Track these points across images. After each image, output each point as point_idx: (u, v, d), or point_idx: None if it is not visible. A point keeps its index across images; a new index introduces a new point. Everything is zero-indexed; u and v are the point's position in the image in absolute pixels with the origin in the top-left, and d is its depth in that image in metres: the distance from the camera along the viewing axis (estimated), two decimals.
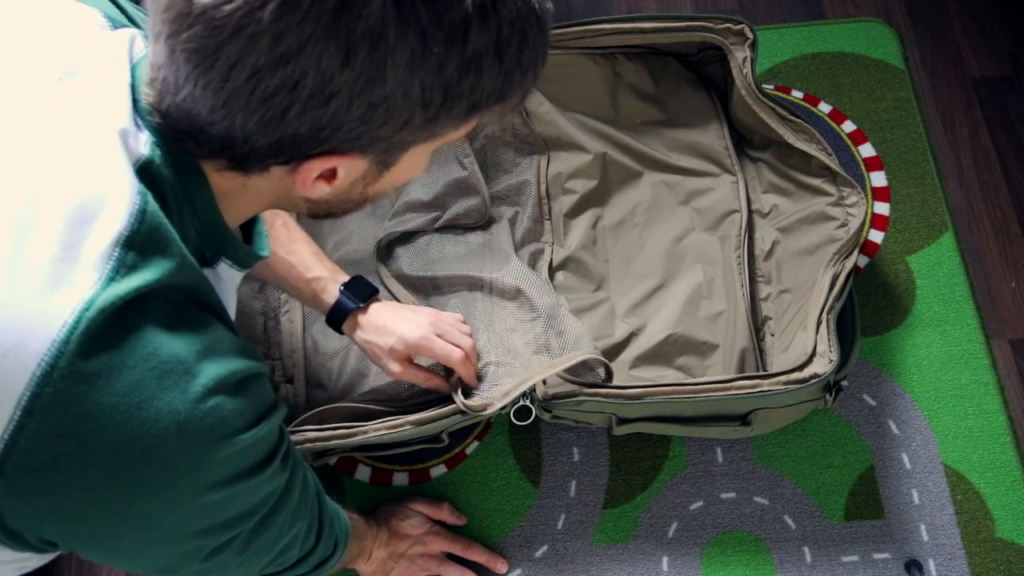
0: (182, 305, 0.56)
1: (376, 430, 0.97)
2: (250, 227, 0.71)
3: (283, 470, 0.64)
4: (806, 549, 1.06)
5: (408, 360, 0.97)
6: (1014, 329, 1.19)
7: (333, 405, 1.03)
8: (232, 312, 0.67)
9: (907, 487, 1.09)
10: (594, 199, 1.18)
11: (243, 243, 0.66)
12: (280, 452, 0.63)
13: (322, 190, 0.59)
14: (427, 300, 1.12)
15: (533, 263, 1.14)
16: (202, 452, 0.55)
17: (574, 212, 1.17)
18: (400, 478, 1.11)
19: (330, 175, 0.58)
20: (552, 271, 1.14)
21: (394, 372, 0.97)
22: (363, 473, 1.11)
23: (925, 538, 1.06)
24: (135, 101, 0.57)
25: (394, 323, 0.96)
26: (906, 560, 1.05)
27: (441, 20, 0.50)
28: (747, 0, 1.41)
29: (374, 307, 0.98)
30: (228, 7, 0.47)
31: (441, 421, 0.97)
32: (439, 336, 0.97)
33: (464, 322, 1.02)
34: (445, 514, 1.06)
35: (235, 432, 0.56)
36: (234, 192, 0.60)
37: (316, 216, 0.69)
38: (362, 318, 0.97)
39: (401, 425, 0.97)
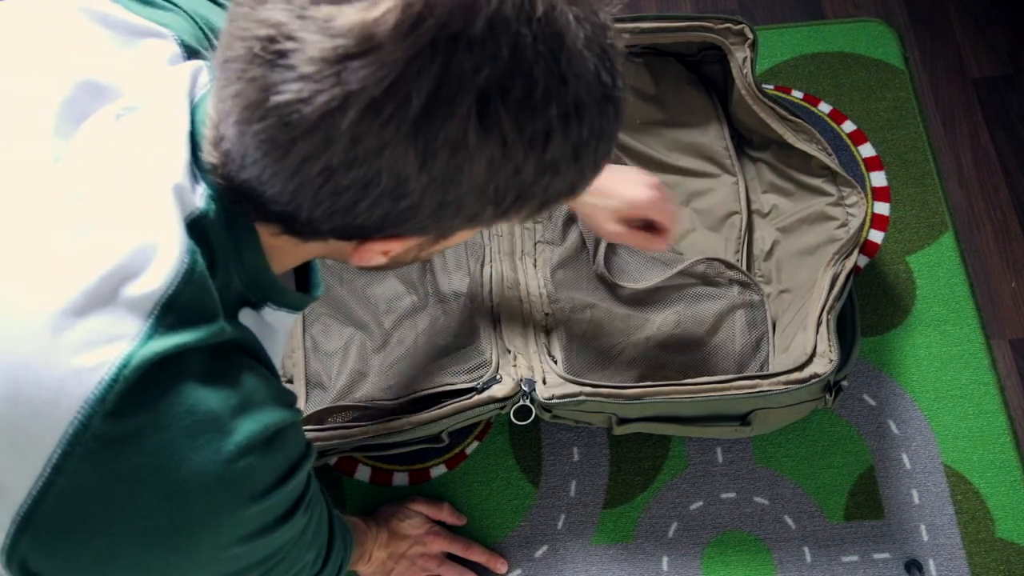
0: (222, 354, 0.55)
1: (376, 430, 0.97)
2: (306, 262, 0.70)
3: (304, 515, 0.63)
4: (806, 549, 1.06)
5: (627, 222, 0.96)
6: (1014, 329, 1.19)
7: (333, 405, 1.03)
8: (279, 356, 0.66)
9: (907, 487, 1.09)
10: None
11: (292, 290, 0.65)
12: (305, 500, 0.62)
13: (378, 260, 0.58)
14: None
15: (533, 263, 1.14)
16: (229, 512, 0.55)
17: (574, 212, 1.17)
18: (400, 478, 1.11)
19: (388, 250, 0.57)
20: (552, 271, 1.14)
21: (614, 233, 0.96)
22: (363, 473, 1.11)
23: (925, 538, 1.06)
24: (194, 149, 0.55)
25: (617, 185, 0.95)
26: (906, 560, 1.05)
27: (523, 129, 0.48)
28: (747, 0, 1.41)
29: None
30: (307, 109, 0.46)
31: (441, 421, 0.97)
32: (662, 197, 0.95)
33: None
34: (445, 514, 1.06)
35: (264, 492, 0.56)
36: (285, 249, 0.59)
37: (364, 269, 0.68)
38: None
39: (401, 425, 0.97)
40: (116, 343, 0.51)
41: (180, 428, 0.52)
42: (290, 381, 1.10)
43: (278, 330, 0.65)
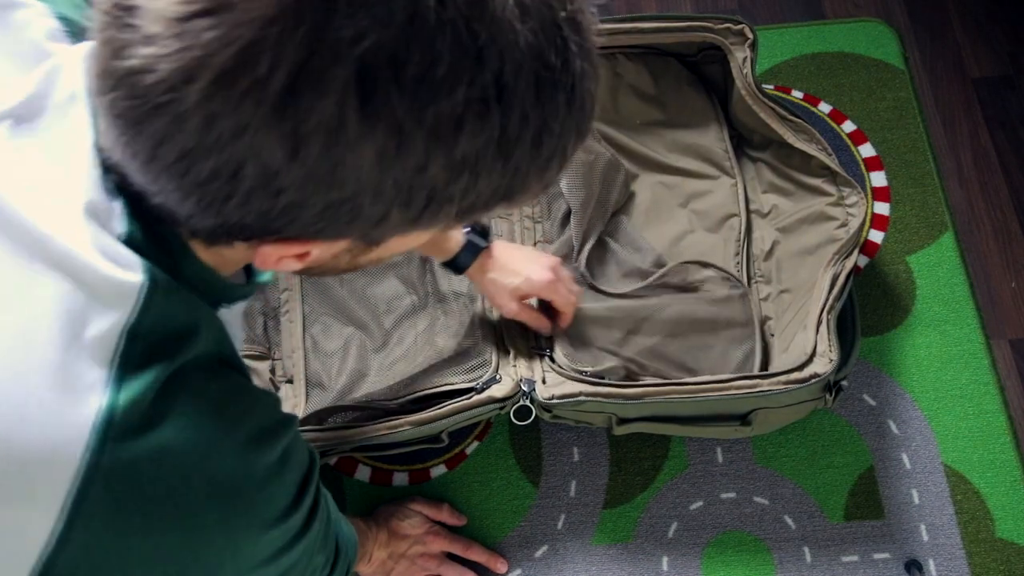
0: (209, 380, 0.51)
1: (376, 430, 0.97)
2: None
3: (318, 524, 0.61)
4: (806, 549, 1.06)
5: (523, 299, 1.00)
6: (1014, 329, 1.19)
7: (333, 405, 1.03)
8: (240, 346, 0.63)
9: (907, 487, 1.09)
10: None
11: (242, 283, 0.60)
12: (318, 511, 0.60)
13: (292, 266, 0.50)
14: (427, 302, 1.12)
15: None
16: (250, 541, 0.53)
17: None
18: (400, 478, 1.11)
19: (302, 255, 0.49)
20: None
21: (511, 310, 0.99)
22: (363, 473, 1.11)
23: (925, 538, 1.06)
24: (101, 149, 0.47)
25: (521, 264, 0.98)
26: (906, 560, 1.05)
27: (421, 114, 0.40)
28: (747, 0, 1.41)
29: (497, 246, 0.98)
30: (151, 78, 0.39)
31: (441, 421, 0.97)
32: (559, 281, 0.99)
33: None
34: (445, 515, 1.06)
35: (282, 515, 0.54)
36: (213, 258, 0.53)
37: (308, 275, 0.62)
38: (488, 260, 0.98)
39: (401, 425, 0.97)
40: (92, 391, 0.46)
41: (184, 476, 0.48)
42: (290, 381, 1.10)
43: (233, 323, 0.61)
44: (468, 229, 0.97)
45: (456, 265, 0.97)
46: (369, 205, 0.43)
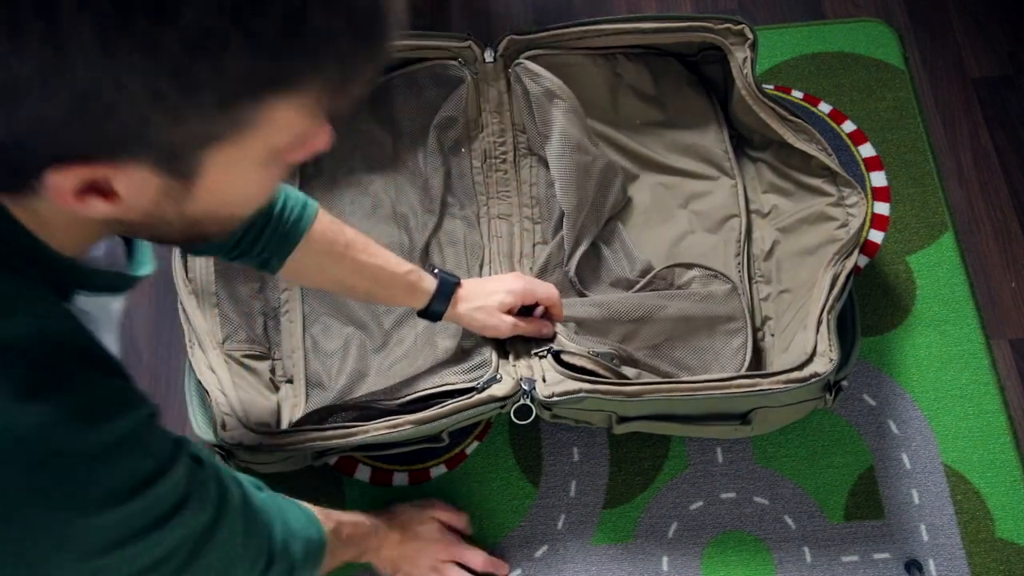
0: (25, 366, 0.49)
1: (376, 430, 0.97)
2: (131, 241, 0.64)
3: (199, 513, 0.59)
4: (806, 549, 1.06)
5: (511, 313, 1.01)
6: (1014, 329, 1.19)
7: (333, 404, 1.03)
8: (115, 343, 0.61)
9: (907, 487, 1.09)
10: None
11: (104, 271, 0.57)
12: (192, 502, 0.58)
13: (99, 208, 0.47)
14: None
15: (531, 265, 1.14)
16: (70, 522, 0.50)
17: None
18: (400, 478, 1.11)
19: (106, 191, 0.47)
20: (538, 274, 1.14)
21: (509, 326, 1.01)
22: (363, 473, 1.11)
23: (925, 538, 1.06)
24: None
25: (493, 284, 1.02)
26: (906, 560, 1.05)
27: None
28: (747, 0, 1.41)
29: (464, 282, 1.02)
30: None
31: (441, 420, 0.97)
32: (533, 282, 1.03)
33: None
34: (463, 526, 1.05)
35: (112, 499, 0.51)
36: (40, 222, 0.51)
37: (155, 241, 0.58)
38: (462, 292, 1.00)
39: (401, 425, 0.97)
40: None
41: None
42: (290, 381, 1.10)
43: (100, 317, 0.58)
44: (437, 271, 1.00)
45: (432, 311, 0.99)
46: (118, 99, 0.42)
